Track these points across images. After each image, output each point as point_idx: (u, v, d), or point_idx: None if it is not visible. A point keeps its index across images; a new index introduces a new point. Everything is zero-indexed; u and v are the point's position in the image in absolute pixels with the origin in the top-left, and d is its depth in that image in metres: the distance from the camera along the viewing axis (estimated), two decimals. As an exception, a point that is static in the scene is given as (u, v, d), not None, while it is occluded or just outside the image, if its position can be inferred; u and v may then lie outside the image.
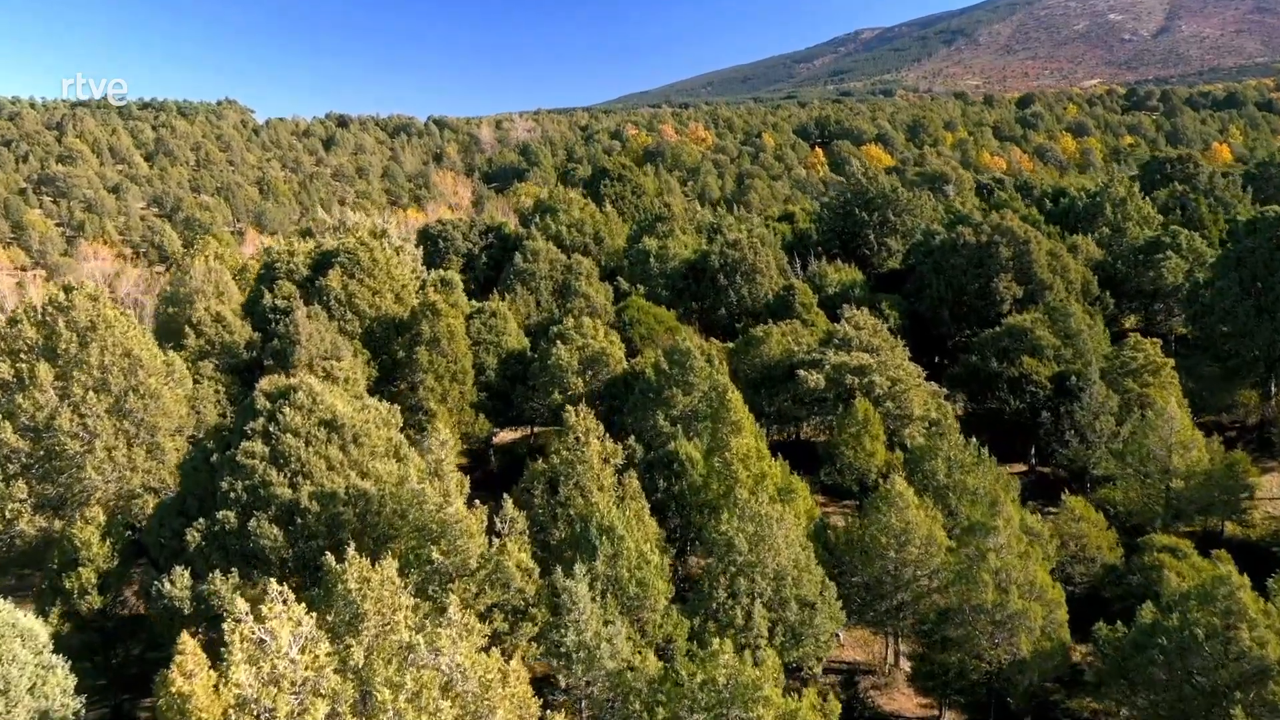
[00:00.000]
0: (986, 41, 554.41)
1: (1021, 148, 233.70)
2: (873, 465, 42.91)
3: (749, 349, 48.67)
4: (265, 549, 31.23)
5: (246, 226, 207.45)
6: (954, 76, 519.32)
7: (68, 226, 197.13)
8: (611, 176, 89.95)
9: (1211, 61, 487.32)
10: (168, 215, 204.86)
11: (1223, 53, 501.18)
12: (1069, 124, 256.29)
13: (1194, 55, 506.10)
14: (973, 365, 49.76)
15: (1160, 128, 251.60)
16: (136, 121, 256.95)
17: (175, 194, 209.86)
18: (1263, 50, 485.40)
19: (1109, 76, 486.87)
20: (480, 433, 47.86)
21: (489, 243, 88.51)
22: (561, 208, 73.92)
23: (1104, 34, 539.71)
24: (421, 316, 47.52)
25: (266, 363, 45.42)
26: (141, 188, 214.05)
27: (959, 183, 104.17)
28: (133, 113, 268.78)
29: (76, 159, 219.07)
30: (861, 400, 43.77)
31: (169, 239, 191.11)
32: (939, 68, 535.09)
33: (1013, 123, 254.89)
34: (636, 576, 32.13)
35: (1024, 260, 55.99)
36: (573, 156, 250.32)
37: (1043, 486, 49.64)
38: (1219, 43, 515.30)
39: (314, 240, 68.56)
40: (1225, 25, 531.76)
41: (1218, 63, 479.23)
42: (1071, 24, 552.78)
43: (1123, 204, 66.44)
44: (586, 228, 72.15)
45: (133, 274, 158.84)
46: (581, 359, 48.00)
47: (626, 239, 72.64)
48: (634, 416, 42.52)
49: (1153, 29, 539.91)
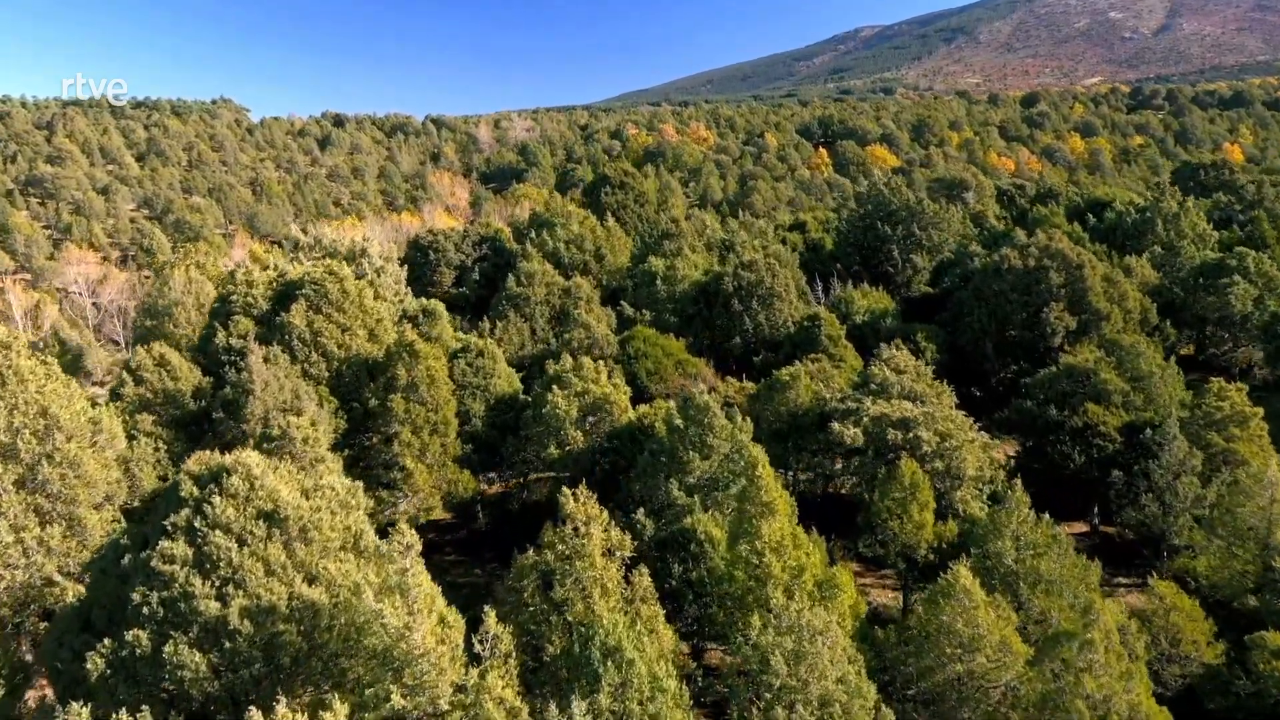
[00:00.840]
0: (987, 39, 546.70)
1: (1029, 148, 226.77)
2: (921, 539, 36.22)
3: (773, 394, 41.90)
4: (184, 681, 24.53)
5: (239, 229, 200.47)
6: (954, 75, 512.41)
7: (55, 229, 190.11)
8: (613, 183, 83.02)
9: (1213, 60, 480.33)
10: (158, 217, 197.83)
11: (1224, 51, 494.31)
12: (1075, 124, 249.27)
13: (1195, 53, 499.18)
14: (1027, 411, 43.03)
15: (1168, 127, 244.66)
16: (129, 121, 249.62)
17: (166, 195, 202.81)
18: (1264, 48, 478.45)
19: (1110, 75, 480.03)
20: (464, 493, 41.11)
21: (483, 254, 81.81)
22: (559, 221, 67.04)
23: (1105, 32, 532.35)
24: (397, 359, 40.72)
25: (216, 415, 38.65)
26: (131, 189, 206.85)
27: (979, 189, 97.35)
28: (126, 112, 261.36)
29: (66, 159, 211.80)
30: (908, 461, 37.04)
31: (158, 242, 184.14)
32: (939, 66, 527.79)
33: (1019, 122, 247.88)
34: (649, 711, 25.46)
35: (1077, 287, 49.26)
36: (572, 156, 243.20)
37: (1108, 551, 42.89)
38: (1220, 41, 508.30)
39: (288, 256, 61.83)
40: (1226, 23, 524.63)
41: (1219, 61, 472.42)
42: (1072, 22, 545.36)
43: (1175, 220, 59.73)
44: (586, 244, 65.35)
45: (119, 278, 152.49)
46: (581, 407, 41.25)
47: (630, 257, 65.83)
48: (642, 483, 35.80)
49: (1153, 27, 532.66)
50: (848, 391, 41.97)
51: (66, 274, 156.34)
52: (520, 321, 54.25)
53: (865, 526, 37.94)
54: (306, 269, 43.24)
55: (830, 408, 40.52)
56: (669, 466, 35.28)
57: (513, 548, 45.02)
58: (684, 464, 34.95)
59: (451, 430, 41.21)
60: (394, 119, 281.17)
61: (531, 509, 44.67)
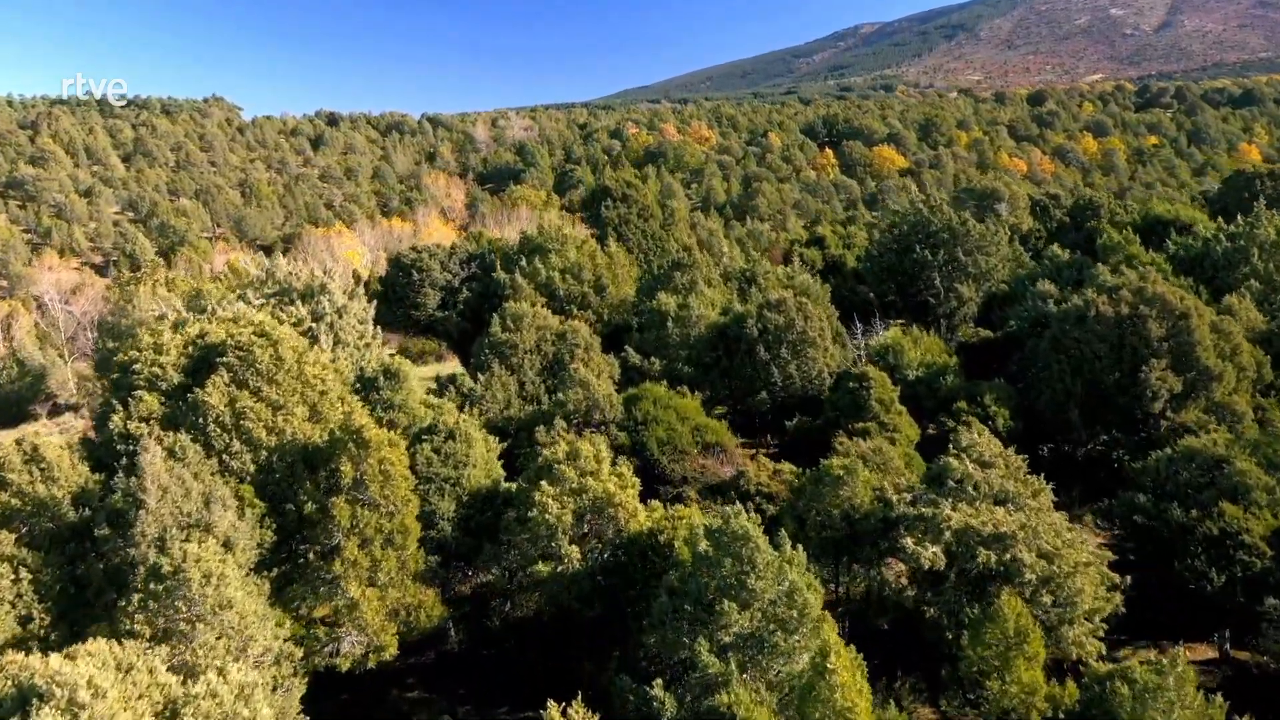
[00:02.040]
0: (987, 36, 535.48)
1: (1040, 148, 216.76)
2: (1032, 707, 26.66)
3: (822, 489, 32.24)
4: None
5: (226, 231, 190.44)
6: (955, 72, 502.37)
7: (35, 233, 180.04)
8: (614, 196, 73.08)
9: (1215, 57, 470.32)
10: (143, 220, 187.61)
11: (1226, 48, 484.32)
12: (1086, 123, 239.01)
13: (1197, 50, 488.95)
14: (1140, 508, 33.41)
15: (1181, 127, 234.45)
16: (116, 120, 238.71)
17: (151, 198, 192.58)
18: (1266, 45, 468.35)
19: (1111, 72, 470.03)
20: (426, 623, 31.45)
21: (471, 274, 72.05)
22: (554, 247, 57.11)
23: (1106, 29, 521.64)
24: (342, 449, 31.02)
25: (99, 531, 28.96)
26: (116, 191, 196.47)
27: (1013, 200, 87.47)
28: (115, 111, 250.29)
29: (49, 160, 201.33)
30: (1010, 598, 27.45)
31: (141, 247, 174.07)
32: (940, 63, 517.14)
33: (1028, 121, 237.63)
34: None
35: (1181, 340, 39.67)
36: (571, 156, 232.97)
37: (1245, 684, 33.27)
38: (1222, 38, 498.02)
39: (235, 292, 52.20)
40: (1228, 20, 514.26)
41: (1221, 58, 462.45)
42: (1073, 19, 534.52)
43: (1274, 250, 50.13)
44: (585, 273, 55.55)
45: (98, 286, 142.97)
46: (577, 508, 31.61)
47: (636, 290, 56.05)
48: (659, 636, 26.18)
49: (1154, 24, 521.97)
50: (917, 488, 32.30)
51: (42, 281, 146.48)
52: (506, 375, 44.52)
53: (951, 680, 28.44)
54: (231, 333, 33.43)
55: (899, 513, 30.87)
56: (694, 615, 25.68)
57: (492, 680, 35.52)
58: (716, 612, 25.35)
59: (411, 540, 31.51)
60: (389, 118, 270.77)
61: (515, 627, 35.13)
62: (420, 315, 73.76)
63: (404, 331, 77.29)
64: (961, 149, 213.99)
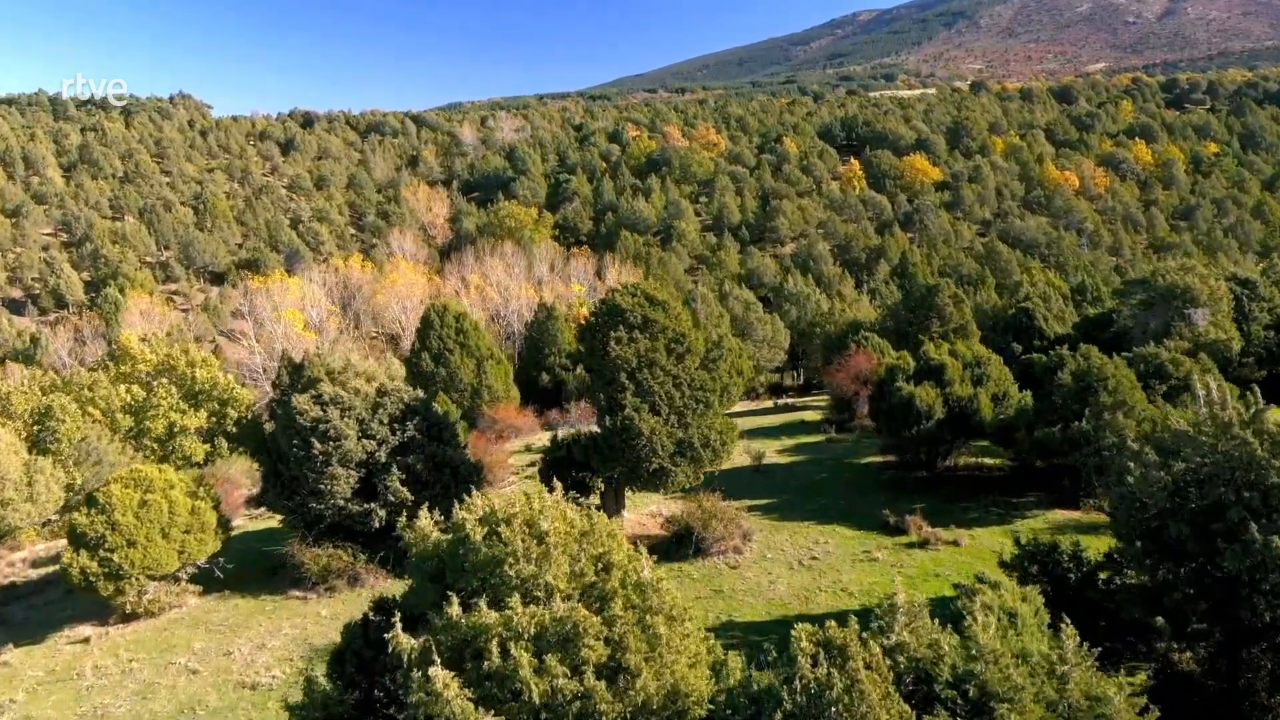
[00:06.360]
0: (987, 24, 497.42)
1: (1084, 155, 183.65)
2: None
3: None
4: None
5: (172, 258, 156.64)
6: (956, 60, 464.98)
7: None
8: (628, 321, 39.14)
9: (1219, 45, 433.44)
10: (76, 244, 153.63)
11: (1230, 36, 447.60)
12: (1127, 125, 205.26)
13: (1201, 38, 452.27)
14: None
15: (1232, 129, 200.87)
16: (65, 124, 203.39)
17: (88, 217, 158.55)
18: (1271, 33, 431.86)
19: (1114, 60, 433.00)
20: None
21: (408, 438, 38.72)
22: (511, 562, 24.13)
23: (1107, 16, 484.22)
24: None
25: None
26: (49, 210, 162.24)
27: (1213, 300, 55.50)
28: (67, 111, 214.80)
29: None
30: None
31: (69, 281, 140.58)
32: (940, 51, 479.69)
33: (1066, 124, 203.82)
34: None
35: None
36: (565, 162, 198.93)
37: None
38: (1226, 26, 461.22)
39: None
40: (1231, 7, 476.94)
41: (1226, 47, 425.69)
42: (1074, 6, 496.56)
43: None
44: (584, 651, 23.62)
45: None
46: None
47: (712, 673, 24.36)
48: None
49: (1157, 11, 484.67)
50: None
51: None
52: None
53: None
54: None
55: None
56: None
57: None
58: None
59: None
60: (369, 117, 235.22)
61: None
62: (322, 508, 39.70)
63: (296, 526, 42.66)
64: (999, 157, 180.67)
